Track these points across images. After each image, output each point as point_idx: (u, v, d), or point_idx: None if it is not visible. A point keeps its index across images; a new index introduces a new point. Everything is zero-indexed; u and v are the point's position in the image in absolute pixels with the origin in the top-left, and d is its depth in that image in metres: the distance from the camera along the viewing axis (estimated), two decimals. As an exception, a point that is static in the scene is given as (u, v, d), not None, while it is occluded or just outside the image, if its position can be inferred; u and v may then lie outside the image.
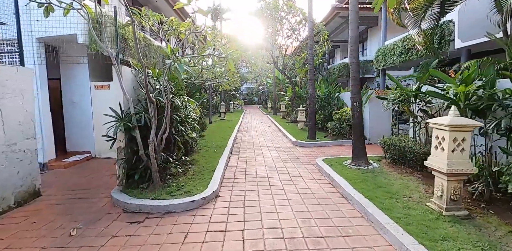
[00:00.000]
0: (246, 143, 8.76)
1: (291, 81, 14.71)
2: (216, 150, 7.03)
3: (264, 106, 31.33)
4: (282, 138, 9.60)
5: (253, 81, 36.80)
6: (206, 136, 9.38)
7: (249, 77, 32.26)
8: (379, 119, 8.07)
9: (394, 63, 10.96)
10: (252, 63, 17.14)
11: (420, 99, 5.10)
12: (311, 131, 8.49)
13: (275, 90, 20.89)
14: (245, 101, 42.22)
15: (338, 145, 8.02)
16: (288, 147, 7.94)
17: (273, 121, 15.35)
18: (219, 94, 21.03)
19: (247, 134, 10.74)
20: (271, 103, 25.59)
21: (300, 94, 14.65)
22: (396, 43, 10.81)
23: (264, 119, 18.07)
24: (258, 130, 12.05)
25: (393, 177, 4.48)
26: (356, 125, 5.10)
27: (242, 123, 15.42)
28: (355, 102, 5.03)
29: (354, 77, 5.01)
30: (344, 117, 8.21)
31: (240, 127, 13.16)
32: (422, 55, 9.32)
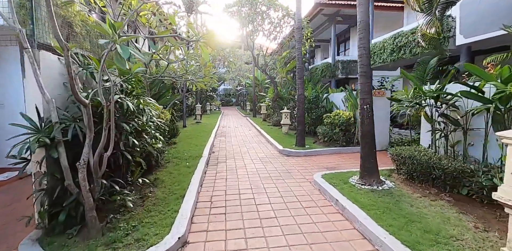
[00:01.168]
0: (225, 151, 7.49)
1: (273, 80, 13.63)
2: (188, 162, 5.71)
3: (243, 107, 30.11)
4: (266, 145, 8.43)
5: (231, 81, 35.46)
6: (179, 144, 8.00)
7: (226, 77, 30.89)
8: (377, 122, 7.12)
9: (385, 62, 10.19)
10: (230, 62, 15.87)
11: (442, 101, 4.14)
12: (299, 137, 7.40)
13: (254, 90, 19.76)
14: (223, 102, 40.75)
15: (332, 153, 6.98)
16: (275, 156, 6.78)
17: (253, 124, 14.17)
18: (195, 94, 19.54)
19: (226, 140, 9.47)
20: (250, 104, 24.43)
21: (283, 95, 13.60)
22: (386, 41, 10.04)
23: (243, 121, 16.84)
24: (238, 135, 10.81)
25: (420, 203, 3.45)
26: (367, 133, 4.03)
27: (220, 126, 14.09)
28: (366, 105, 3.96)
29: (364, 73, 3.95)
30: (337, 121, 7.20)
31: (218, 131, 11.84)
32: (417, 53, 8.57)
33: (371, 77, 3.96)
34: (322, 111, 9.09)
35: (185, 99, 12.70)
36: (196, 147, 7.43)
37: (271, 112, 16.12)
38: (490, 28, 6.51)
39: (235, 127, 13.53)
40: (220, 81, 30.41)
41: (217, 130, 12.24)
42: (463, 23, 7.02)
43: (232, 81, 34.55)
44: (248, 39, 13.58)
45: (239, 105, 36.34)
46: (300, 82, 7.33)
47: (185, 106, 12.72)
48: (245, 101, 27.93)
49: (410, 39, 8.75)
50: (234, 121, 17.27)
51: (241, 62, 28.47)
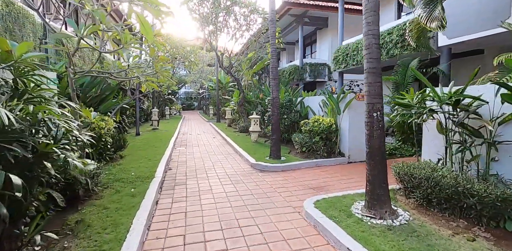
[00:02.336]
0: (185, 167, 6.10)
1: (239, 83, 12.47)
2: (134, 188, 4.27)
3: (206, 111, 28.48)
4: (235, 157, 7.20)
5: (192, 84, 33.58)
6: (127, 158, 6.42)
7: (188, 79, 29.05)
8: (360, 130, 6.34)
9: (359, 64, 9.61)
10: (191, 62, 14.40)
11: (462, 108, 3.32)
12: (274, 147, 6.30)
13: (218, 94, 18.42)
14: (184, 106, 38.59)
15: (313, 167, 5.99)
16: (247, 173, 5.59)
17: (218, 131, 12.84)
18: (151, 98, 17.61)
19: (187, 151, 8.04)
20: (213, 108, 22.99)
21: (250, 99, 12.51)
22: (360, 42, 9.47)
23: (206, 127, 15.40)
24: (201, 144, 9.42)
25: (460, 247, 2.50)
26: (376, 150, 3.03)
27: (180, 133, 12.52)
28: (376, 112, 2.96)
29: (372, 70, 2.95)
30: (317, 128, 6.25)
31: (178, 140, 10.31)
32: (394, 55, 8.04)
33: (381, 75, 2.99)
34: (297, 116, 8.14)
35: (138, 102, 10.97)
36: (149, 163, 5.94)
37: (236, 117, 14.94)
38: (476, 29, 6.09)
39: (197, 134, 12.07)
40: (181, 84, 28.50)
41: (177, 138, 10.69)
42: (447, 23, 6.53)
43: (193, 84, 32.76)
44: (211, 37, 12.30)
45: (202, 109, 34.61)
46: (275, 83, 6.27)
47: (138, 110, 10.97)
48: (208, 105, 26.39)
49: (387, 39, 8.21)
50: (196, 127, 15.74)
51: (204, 64, 26.94)
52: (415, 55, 7.55)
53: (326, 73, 15.68)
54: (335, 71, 11.46)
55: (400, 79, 7.35)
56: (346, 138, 6.31)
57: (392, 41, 7.98)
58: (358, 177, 5.10)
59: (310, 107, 7.53)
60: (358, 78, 14.35)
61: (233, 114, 15.46)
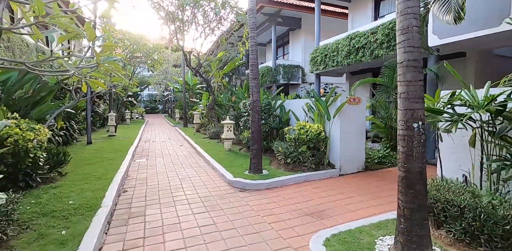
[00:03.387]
0: (145, 187, 4.86)
1: (209, 85, 11.32)
2: (68, 228, 3.01)
3: (171, 115, 26.68)
4: (207, 170, 6.08)
5: (156, 86, 31.47)
6: (67, 177, 5.01)
7: (151, 81, 27.04)
8: (351, 138, 5.61)
9: (339, 65, 9.02)
10: (154, 60, 12.91)
11: (507, 116, 2.61)
12: (255, 160, 5.32)
13: (184, 96, 17.03)
14: (147, 109, 36.15)
15: (301, 182, 5.09)
16: (225, 193, 4.52)
17: (185, 137, 11.54)
18: (108, 100, 15.70)
19: (148, 164, 6.74)
20: (180, 112, 21.44)
21: (221, 102, 11.42)
22: (340, 42, 8.90)
23: (172, 133, 13.96)
24: (166, 154, 8.12)
25: None
26: (416, 176, 2.17)
27: (141, 140, 11.01)
28: (417, 123, 2.10)
29: (413, 64, 2.09)
30: (304, 136, 5.38)
31: (138, 149, 8.88)
32: (379, 55, 7.51)
33: (422, 70, 2.17)
34: (276, 122, 7.25)
35: (90, 105, 9.33)
36: (97, 183, 4.62)
37: (206, 122, 13.74)
38: (471, 28, 5.69)
39: (162, 142, 10.67)
40: (144, 85, 26.42)
41: (137, 146, 9.25)
42: (437, 21, 6.09)
43: (158, 86, 30.70)
44: (177, 33, 11.01)
45: (167, 112, 32.59)
46: (255, 84, 5.30)
47: (89, 115, 9.33)
48: (173, 108, 24.67)
49: (371, 39, 7.68)
50: (160, 132, 14.21)
51: (169, 64, 25.23)
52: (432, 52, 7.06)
53: (300, 76, 15.12)
54: (312, 72, 10.84)
55: (387, 82, 6.80)
56: (336, 148, 5.53)
57: (377, 41, 7.45)
58: (359, 196, 4.29)
59: (292, 111, 6.67)
60: (334, 81, 13.95)
61: (202, 119, 14.23)
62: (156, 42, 15.05)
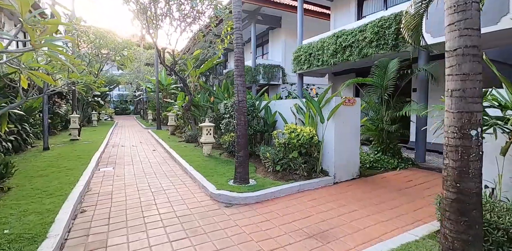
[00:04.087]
0: (108, 206, 4.02)
1: (185, 84, 10.47)
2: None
3: (143, 117, 25.17)
4: (185, 180, 5.32)
5: (127, 86, 29.68)
6: (11, 194, 4.06)
7: (121, 80, 25.37)
8: (346, 142, 5.13)
9: (324, 64, 8.61)
10: (124, 57, 11.78)
11: None
12: (242, 169, 4.65)
13: (158, 96, 15.93)
14: (117, 110, 34.11)
15: (294, 193, 4.51)
16: (207, 210, 3.81)
17: (159, 141, 10.58)
18: (71, 100, 14.23)
19: (115, 174, 5.83)
20: (153, 113, 20.19)
21: (199, 103, 10.61)
22: (325, 40, 8.49)
23: (144, 136, 12.87)
24: (137, 160, 7.20)
25: None
26: (472, 198, 1.65)
27: (109, 145, 9.91)
28: (475, 129, 1.58)
29: (471, 52, 1.58)
30: (295, 141, 4.81)
31: (104, 156, 7.86)
32: (368, 54, 7.16)
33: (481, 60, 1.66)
34: (261, 124, 6.63)
35: (46, 105, 8.13)
36: (46, 202, 3.72)
37: (181, 124, 12.84)
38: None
39: (132, 146, 9.65)
40: (113, 84, 24.71)
41: (103, 152, 8.21)
42: (432, 18, 5.80)
43: (129, 86, 28.96)
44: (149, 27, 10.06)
45: (139, 113, 30.87)
46: (241, 81, 4.65)
47: (46, 116, 8.14)
48: (146, 110, 23.28)
49: (359, 38, 7.32)
50: (131, 135, 13.06)
51: (141, 62, 23.81)
52: (392, 55, 6.77)
53: (280, 76, 14.67)
54: (295, 72, 10.37)
55: (378, 82, 6.44)
56: (331, 153, 5.02)
57: (366, 39, 7.10)
58: (362, 209, 3.79)
59: (280, 113, 6.08)
60: (316, 81, 13.63)
61: (177, 120, 13.30)
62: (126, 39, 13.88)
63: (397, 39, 6.50)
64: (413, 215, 3.57)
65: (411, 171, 5.94)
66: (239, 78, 4.63)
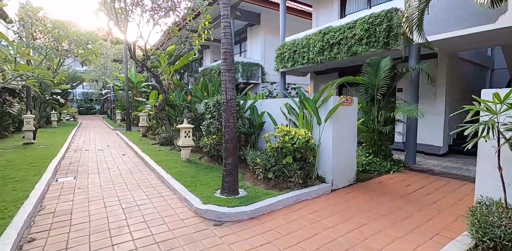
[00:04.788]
0: (66, 231, 3.21)
1: (159, 81, 9.57)
2: None
3: (111, 117, 23.46)
4: (162, 192, 4.58)
5: (92, 83, 27.55)
6: None
7: (86, 77, 23.41)
8: (344, 145, 4.71)
9: (310, 63, 8.22)
10: (87, 50, 10.56)
11: None
12: (230, 178, 4.03)
13: (127, 95, 14.72)
14: (81, 109, 31.69)
15: (292, 204, 3.97)
16: (193, 232, 3.16)
17: (129, 143, 9.59)
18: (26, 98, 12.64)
19: (76, 186, 4.93)
20: (121, 113, 18.79)
21: (174, 102, 9.78)
22: (311, 37, 8.10)
23: (112, 138, 11.72)
24: (104, 168, 6.29)
25: None
26: None
27: (70, 149, 8.76)
28: None
29: None
30: (289, 145, 4.29)
31: (64, 163, 6.82)
32: (358, 52, 6.85)
33: None
34: (248, 126, 6.05)
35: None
36: (-22, 231, 2.85)
37: (154, 125, 11.87)
38: (460, 25, 5.28)
39: (98, 150, 8.60)
40: (76, 82, 22.75)
41: (63, 158, 7.16)
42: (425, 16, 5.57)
43: (94, 83, 26.89)
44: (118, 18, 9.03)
45: (106, 113, 28.86)
46: (230, 78, 4.03)
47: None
48: (113, 109, 21.67)
49: (348, 35, 6.99)
50: (98, 138, 11.84)
51: (108, 58, 22.12)
52: (382, 53, 6.51)
53: (260, 75, 14.16)
54: (278, 70, 9.89)
55: (370, 81, 6.13)
56: (328, 157, 4.56)
57: (355, 37, 6.78)
58: (371, 222, 3.34)
59: (269, 113, 5.53)
60: (297, 81, 13.29)
61: (149, 121, 12.29)
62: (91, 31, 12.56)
63: (388, 36, 6.23)
64: (429, 228, 3.19)
65: (405, 174, 5.68)
66: (227, 73, 4.00)
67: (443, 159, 7.14)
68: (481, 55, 9.50)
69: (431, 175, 5.64)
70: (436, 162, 6.71)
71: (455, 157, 7.31)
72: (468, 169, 6.04)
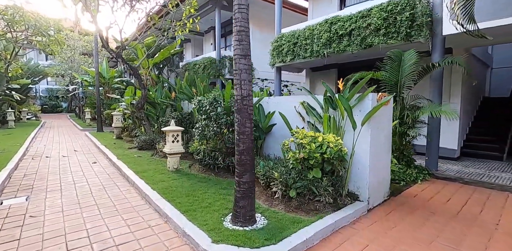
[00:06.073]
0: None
1: (137, 75, 8.23)
2: None
3: (79, 116, 21.29)
4: (150, 219, 3.43)
5: (58, 78, 24.93)
6: None
7: (49, 71, 21.03)
8: (381, 153, 3.82)
9: (314, 56, 7.31)
10: (49, 37, 8.93)
11: None
12: (246, 201, 2.98)
13: (98, 91, 13.05)
14: (45, 107, 28.85)
15: (330, 234, 3.00)
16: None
17: (101, 148, 8.16)
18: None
19: (29, 210, 3.63)
20: (91, 111, 16.92)
21: (155, 99, 8.48)
22: (315, 27, 7.19)
23: (81, 141, 10.13)
24: (69, 182, 4.96)
25: None
26: None
27: (26, 155, 7.22)
28: None
29: None
30: (317, 155, 3.32)
31: (16, 174, 5.38)
32: (372, 45, 6.03)
33: None
34: (251, 129, 5.00)
35: None
36: None
37: (130, 125, 10.45)
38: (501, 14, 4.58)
39: (62, 157, 7.14)
40: (38, 76, 20.36)
41: (16, 168, 5.70)
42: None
43: (60, 78, 24.32)
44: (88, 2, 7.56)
45: (74, 112, 26.41)
46: (246, 66, 2.97)
47: None
48: (82, 107, 19.61)
49: (361, 24, 6.14)
50: (62, 140, 10.18)
51: (75, 51, 19.98)
52: (402, 46, 5.73)
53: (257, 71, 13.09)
54: (273, 65, 8.89)
55: (391, 77, 5.32)
56: (362, 169, 3.64)
57: (370, 27, 5.95)
58: None
59: (282, 115, 4.50)
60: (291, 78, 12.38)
61: (125, 121, 10.84)
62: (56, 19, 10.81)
63: (411, 27, 5.44)
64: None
65: (434, 184, 4.94)
66: (243, 60, 2.95)
67: (460, 163, 6.54)
68: (485, 53, 9.11)
69: (463, 184, 4.93)
70: (456, 168, 6.06)
71: (470, 161, 6.73)
72: (496, 175, 5.41)
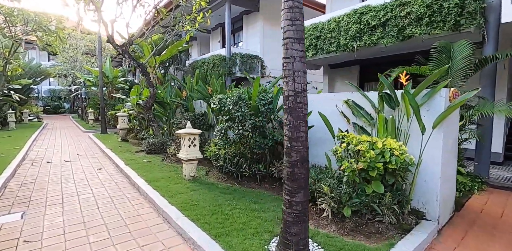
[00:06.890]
0: None
1: (145, 72, 7.59)
2: None
3: (82, 116, 20.70)
4: (170, 245, 2.77)
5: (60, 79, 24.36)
6: None
7: (52, 71, 20.47)
8: (449, 162, 3.15)
9: (341, 50, 6.64)
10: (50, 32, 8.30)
11: None
12: (298, 226, 2.31)
13: (102, 91, 12.44)
14: (48, 108, 28.35)
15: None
16: None
17: (105, 151, 7.52)
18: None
19: (23, 231, 2.98)
20: (94, 112, 16.34)
21: (165, 99, 7.84)
22: (342, 18, 6.53)
23: (84, 143, 9.51)
24: (71, 194, 4.32)
25: None
26: None
27: (25, 160, 6.60)
28: None
29: None
30: (380, 165, 2.66)
31: (12, 184, 4.74)
32: (411, 35, 5.35)
33: None
34: (278, 131, 4.34)
35: None
36: None
37: (136, 126, 9.84)
38: None
39: (65, 162, 6.50)
40: (40, 77, 19.81)
41: (12, 176, 5.06)
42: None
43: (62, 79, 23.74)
44: None
45: (76, 112, 25.88)
46: (301, 52, 2.31)
47: None
48: (85, 108, 19.03)
49: (399, 13, 5.47)
50: (65, 143, 9.56)
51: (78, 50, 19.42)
52: (448, 37, 5.05)
53: (259, 69, 12.45)
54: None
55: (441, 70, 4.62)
56: (431, 182, 2.96)
57: (410, 16, 5.27)
58: None
59: (322, 114, 3.81)
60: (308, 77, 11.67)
61: (130, 122, 10.22)
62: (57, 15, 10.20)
63: (461, 14, 4.76)
64: None
65: (494, 194, 4.25)
66: (297, 46, 2.27)
67: (507, 168, 5.86)
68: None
69: (528, 195, 4.25)
70: (507, 174, 5.37)
71: (517, 166, 6.05)
72: (560, 184, 4.72)
